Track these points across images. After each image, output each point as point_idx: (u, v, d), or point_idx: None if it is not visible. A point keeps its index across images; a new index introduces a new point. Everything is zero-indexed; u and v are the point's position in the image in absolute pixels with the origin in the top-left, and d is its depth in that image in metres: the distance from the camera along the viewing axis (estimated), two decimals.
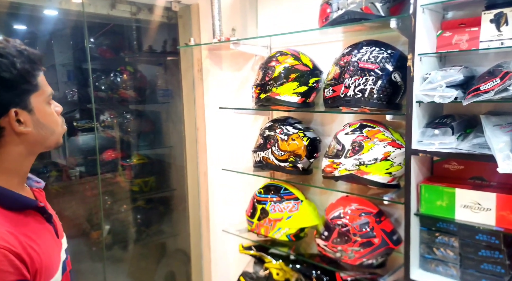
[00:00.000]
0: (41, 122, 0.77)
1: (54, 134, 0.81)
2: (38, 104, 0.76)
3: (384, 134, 1.35)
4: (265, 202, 1.70)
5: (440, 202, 1.11)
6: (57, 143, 0.83)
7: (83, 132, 2.40)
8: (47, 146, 0.82)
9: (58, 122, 0.82)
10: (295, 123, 1.67)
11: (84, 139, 2.40)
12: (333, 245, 1.44)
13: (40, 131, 0.78)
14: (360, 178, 1.35)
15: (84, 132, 2.40)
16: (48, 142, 0.81)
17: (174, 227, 2.48)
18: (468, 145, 1.01)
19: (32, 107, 0.75)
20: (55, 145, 0.83)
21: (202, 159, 2.27)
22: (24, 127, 0.75)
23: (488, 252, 1.06)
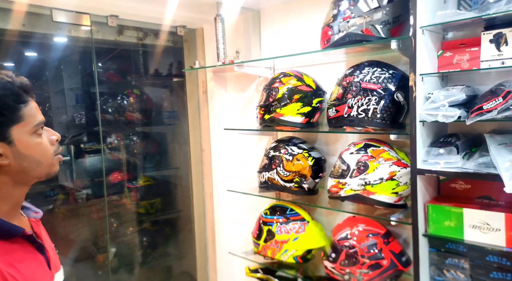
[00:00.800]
0: (22, 154, 0.75)
1: (42, 165, 0.78)
2: (20, 136, 0.74)
3: (389, 153, 1.35)
4: (271, 223, 1.69)
5: (448, 222, 1.09)
6: (47, 173, 0.80)
7: (90, 155, 2.43)
8: (36, 177, 0.79)
9: (47, 152, 0.79)
10: (299, 144, 1.67)
11: (91, 161, 2.43)
12: (341, 267, 1.41)
13: (22, 163, 0.76)
14: (366, 198, 1.34)
15: (91, 154, 2.42)
16: (36, 173, 0.78)
17: (180, 249, 2.46)
18: (474, 164, 1.00)
19: (12, 139, 0.74)
20: (46, 176, 0.81)
21: (207, 179, 2.28)
22: (2, 160, 0.73)
23: (500, 274, 1.03)
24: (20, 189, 0.79)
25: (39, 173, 0.79)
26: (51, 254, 0.86)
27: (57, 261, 0.90)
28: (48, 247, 0.87)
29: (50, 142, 0.80)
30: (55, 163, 0.81)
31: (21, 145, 0.75)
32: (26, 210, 0.87)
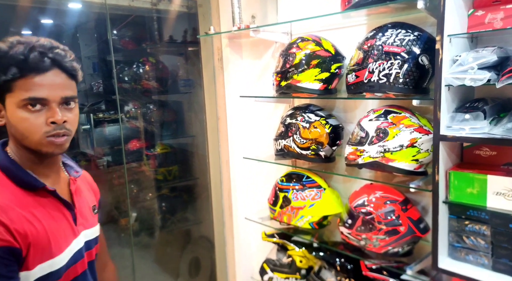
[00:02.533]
0: (10, 121, 0.80)
1: (27, 139, 0.80)
2: (9, 105, 0.79)
3: (410, 120, 1.31)
4: (287, 190, 1.70)
5: (470, 189, 1.07)
6: (37, 149, 0.81)
7: (109, 124, 2.47)
8: (27, 147, 0.82)
9: (32, 130, 0.78)
10: (317, 111, 1.64)
11: (110, 130, 2.47)
12: (357, 233, 1.42)
13: (10, 129, 0.81)
14: (385, 165, 1.32)
15: (110, 123, 2.46)
16: (24, 143, 0.81)
17: (197, 214, 2.53)
18: (502, 130, 0.96)
19: (5, 105, 0.80)
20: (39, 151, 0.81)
21: (223, 147, 2.29)
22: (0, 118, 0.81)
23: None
24: (27, 151, 0.82)
25: (28, 144, 0.81)
26: (83, 211, 0.92)
27: (92, 220, 0.96)
28: (82, 204, 0.93)
29: (45, 122, 0.79)
30: (46, 144, 0.80)
31: (9, 112, 0.80)
32: (69, 168, 0.94)
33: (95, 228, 0.97)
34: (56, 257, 0.81)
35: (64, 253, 0.83)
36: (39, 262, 0.78)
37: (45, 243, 0.79)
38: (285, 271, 1.79)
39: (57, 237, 0.82)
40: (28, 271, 0.76)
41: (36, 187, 0.81)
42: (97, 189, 1.08)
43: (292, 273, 1.78)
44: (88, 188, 1.03)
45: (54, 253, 0.80)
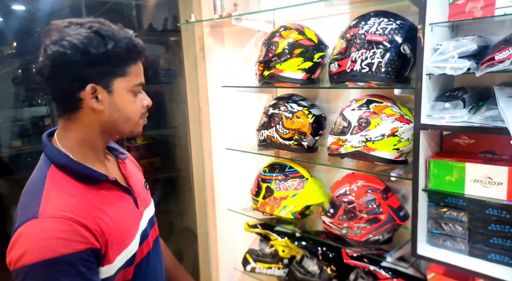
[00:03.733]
0: (116, 106, 0.80)
1: (129, 122, 0.83)
2: (120, 89, 0.79)
3: (392, 109, 1.31)
4: (270, 181, 1.69)
5: (449, 177, 1.08)
6: (131, 131, 0.85)
7: None
8: (120, 131, 0.84)
9: (136, 112, 0.83)
10: (299, 101, 1.63)
11: None
12: (339, 222, 1.44)
13: (114, 114, 0.80)
14: (366, 154, 1.33)
15: None
16: (121, 127, 0.83)
17: (180, 206, 2.50)
18: (480, 118, 0.97)
19: (112, 89, 0.78)
20: (129, 133, 0.86)
21: (206, 138, 2.26)
22: (98, 105, 0.78)
23: (498, 227, 1.05)
24: (104, 137, 0.85)
25: (124, 128, 0.84)
26: (139, 191, 0.93)
27: (147, 196, 0.97)
28: (136, 185, 0.93)
29: (141, 105, 0.85)
30: (140, 124, 0.86)
31: (118, 97, 0.80)
32: (113, 151, 0.94)
33: (152, 203, 0.98)
34: (129, 245, 0.82)
35: (136, 239, 0.84)
36: (117, 254, 0.78)
37: (118, 235, 0.79)
38: (267, 261, 1.79)
39: (127, 225, 0.82)
40: (110, 264, 0.77)
41: (100, 179, 0.80)
42: (138, 164, 1.10)
43: (274, 263, 1.78)
44: (135, 166, 1.04)
45: (127, 241, 0.81)
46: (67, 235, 0.68)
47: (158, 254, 0.97)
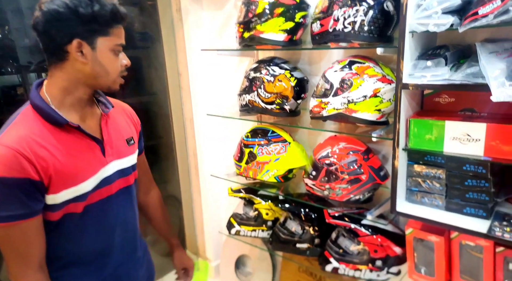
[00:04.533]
0: (99, 61, 0.90)
1: (108, 76, 0.93)
2: (102, 47, 0.90)
3: (374, 70, 1.30)
4: (253, 146, 1.69)
5: (429, 135, 1.10)
6: (109, 86, 0.95)
7: None
8: (100, 84, 0.94)
9: (116, 69, 0.94)
10: (281, 64, 1.59)
11: None
12: (321, 183, 1.46)
13: (96, 67, 0.90)
14: (348, 116, 1.33)
15: None
16: (101, 81, 0.93)
17: (163, 174, 2.48)
18: (462, 75, 0.97)
19: (95, 46, 0.89)
20: (107, 88, 0.96)
21: (186, 105, 2.21)
22: (83, 58, 0.88)
23: (474, 182, 1.08)
24: (85, 89, 0.94)
25: (103, 82, 0.94)
26: (115, 144, 1.02)
27: (126, 150, 1.06)
28: (113, 137, 1.02)
29: (120, 64, 0.95)
30: (117, 82, 0.97)
31: (100, 53, 0.90)
32: (102, 104, 1.03)
33: (130, 157, 1.07)
34: (80, 184, 0.92)
35: (89, 181, 0.94)
36: (64, 188, 0.90)
37: (68, 173, 0.90)
38: (252, 224, 1.83)
39: (81, 167, 0.93)
40: (54, 194, 0.89)
41: (61, 123, 0.90)
42: (138, 121, 1.18)
43: (258, 226, 1.82)
44: (127, 121, 1.12)
45: (78, 180, 0.92)
46: (8, 162, 0.82)
47: (125, 203, 1.06)
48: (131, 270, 1.11)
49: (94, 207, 0.97)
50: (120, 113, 1.11)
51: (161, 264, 2.46)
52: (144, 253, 1.20)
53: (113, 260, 1.05)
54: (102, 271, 1.03)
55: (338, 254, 1.49)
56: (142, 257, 1.18)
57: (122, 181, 1.04)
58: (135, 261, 1.13)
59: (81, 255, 0.98)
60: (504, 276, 1.16)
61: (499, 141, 0.98)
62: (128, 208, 1.07)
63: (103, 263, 1.03)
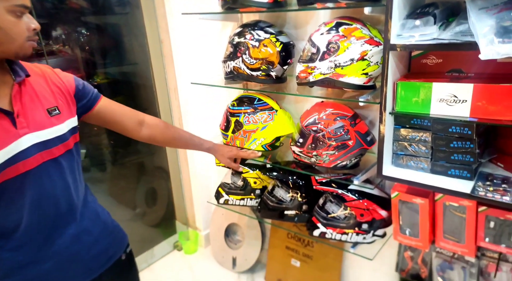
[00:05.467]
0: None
1: (12, 43, 0.87)
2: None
3: (361, 31, 1.26)
4: (239, 114, 1.65)
5: (416, 98, 1.08)
6: (16, 53, 0.89)
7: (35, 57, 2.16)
8: (5, 51, 0.88)
9: (19, 33, 0.87)
10: (266, 27, 1.53)
11: (36, 61, 2.17)
12: (308, 150, 1.45)
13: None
14: (335, 81, 1.30)
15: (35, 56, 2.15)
16: (4, 47, 0.87)
17: (150, 146, 2.44)
18: (450, 34, 0.94)
19: None
20: (15, 55, 0.89)
21: (170, 74, 2.14)
22: None
23: (460, 143, 1.08)
24: None
25: (8, 48, 0.87)
26: (30, 114, 0.94)
27: (46, 121, 0.96)
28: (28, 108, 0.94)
29: (27, 28, 0.89)
30: (26, 47, 0.90)
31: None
32: (15, 72, 0.95)
33: (54, 128, 0.98)
34: None
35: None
36: None
37: None
38: (240, 193, 1.83)
39: None
40: None
41: None
42: (69, 81, 1.06)
43: (247, 194, 1.83)
44: (49, 89, 1.01)
45: None
46: None
47: (52, 176, 0.98)
48: (72, 245, 1.03)
49: (11, 183, 0.90)
50: (40, 80, 1.01)
51: (150, 235, 2.49)
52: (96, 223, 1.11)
53: (44, 235, 0.98)
54: (32, 246, 0.97)
55: (326, 219, 1.51)
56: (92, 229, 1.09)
57: (44, 154, 0.95)
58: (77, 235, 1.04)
59: (5, 229, 0.93)
60: (485, 234, 1.20)
61: (485, 101, 0.97)
62: (56, 181, 0.98)
63: (32, 237, 0.96)
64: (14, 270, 0.95)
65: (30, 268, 0.97)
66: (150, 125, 1.29)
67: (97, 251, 1.10)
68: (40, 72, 1.02)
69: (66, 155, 1.01)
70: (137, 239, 2.36)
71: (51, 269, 1.00)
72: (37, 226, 0.96)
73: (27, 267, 0.97)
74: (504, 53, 0.78)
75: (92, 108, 1.12)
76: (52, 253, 1.00)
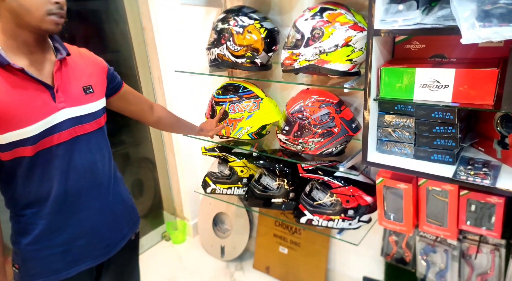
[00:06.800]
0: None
1: (30, 14, 0.87)
2: None
3: (345, 17, 1.24)
4: (224, 103, 1.63)
5: (399, 84, 1.08)
6: (38, 26, 0.89)
7: None
8: (28, 23, 0.89)
9: (39, 5, 0.87)
10: (250, 13, 1.50)
11: None
12: (294, 138, 1.45)
13: (13, 4, 0.86)
14: (320, 67, 1.29)
15: None
16: (26, 19, 0.88)
17: (134, 136, 2.41)
18: (433, 18, 0.94)
19: None
20: (37, 28, 0.90)
21: (153, 62, 2.09)
22: None
23: (442, 128, 1.09)
24: (23, 31, 0.91)
25: (29, 21, 0.88)
26: (69, 90, 0.99)
27: (82, 98, 1.02)
28: (66, 84, 0.99)
29: (48, 1, 0.88)
30: (47, 21, 0.89)
31: None
32: (57, 51, 1.00)
33: (88, 105, 1.04)
34: (26, 128, 0.91)
35: (36, 125, 0.92)
36: (8, 130, 0.89)
37: (13, 114, 0.89)
38: (227, 181, 1.83)
39: (27, 111, 0.91)
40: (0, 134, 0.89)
41: (2, 63, 0.88)
42: (102, 63, 1.14)
43: (234, 183, 1.82)
44: (87, 68, 1.08)
45: (23, 124, 0.91)
46: None
47: (82, 149, 1.04)
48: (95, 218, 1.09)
49: (45, 153, 0.96)
50: (79, 60, 1.07)
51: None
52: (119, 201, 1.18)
53: (71, 205, 1.03)
54: (61, 214, 1.02)
55: (312, 206, 1.52)
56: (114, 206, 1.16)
57: (77, 128, 1.02)
58: (100, 209, 1.10)
59: (38, 197, 0.99)
60: (467, 217, 1.22)
61: (467, 86, 0.97)
62: (86, 155, 1.04)
63: (61, 207, 1.02)
64: (44, 236, 1.01)
65: (57, 234, 1.03)
66: (157, 110, 1.39)
67: (114, 228, 1.16)
68: (78, 52, 1.09)
69: (97, 132, 1.08)
70: None
71: (74, 238, 1.05)
72: (65, 196, 1.01)
73: (55, 233, 1.02)
74: (485, 37, 0.78)
75: (119, 90, 1.21)
76: (77, 222, 1.05)
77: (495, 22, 0.78)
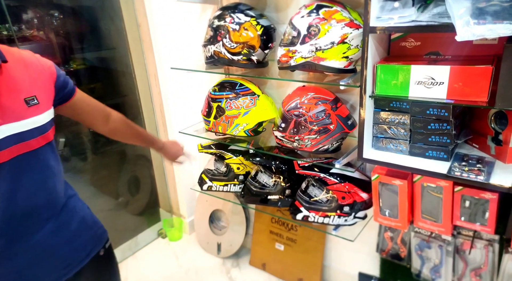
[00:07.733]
0: None
1: None
2: None
3: (341, 14, 1.25)
4: (221, 100, 1.63)
5: (395, 81, 1.09)
6: None
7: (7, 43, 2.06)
8: None
9: None
10: (247, 10, 1.50)
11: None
12: (290, 135, 1.45)
13: None
14: (316, 65, 1.29)
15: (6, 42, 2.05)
16: None
17: None
18: (428, 16, 0.95)
19: None
20: None
21: (149, 59, 2.09)
22: None
23: (437, 125, 1.10)
24: None
25: None
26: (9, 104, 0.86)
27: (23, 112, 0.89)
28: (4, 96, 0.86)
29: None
30: None
31: None
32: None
33: (32, 119, 0.91)
34: None
35: None
36: None
37: None
38: (223, 179, 1.83)
39: None
40: None
41: None
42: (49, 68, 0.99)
43: (230, 180, 1.83)
44: (29, 76, 0.93)
45: None
46: None
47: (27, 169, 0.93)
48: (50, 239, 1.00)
49: None
50: (19, 67, 0.93)
51: (133, 223, 2.47)
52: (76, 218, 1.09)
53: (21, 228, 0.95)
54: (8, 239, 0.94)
55: (308, 203, 1.53)
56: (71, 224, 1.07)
57: (20, 146, 0.90)
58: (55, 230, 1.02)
59: None
60: (461, 213, 1.24)
61: (461, 83, 0.98)
62: (34, 174, 0.95)
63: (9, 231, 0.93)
64: None
65: (5, 262, 0.94)
66: (114, 120, 1.24)
67: (75, 246, 1.07)
68: (20, 57, 0.94)
69: (45, 148, 0.96)
70: (121, 228, 2.34)
71: (27, 263, 0.97)
72: (12, 219, 0.92)
73: (5, 261, 0.94)
74: (479, 34, 0.79)
75: (69, 99, 1.08)
76: (29, 246, 0.97)
77: (489, 19, 0.79)
